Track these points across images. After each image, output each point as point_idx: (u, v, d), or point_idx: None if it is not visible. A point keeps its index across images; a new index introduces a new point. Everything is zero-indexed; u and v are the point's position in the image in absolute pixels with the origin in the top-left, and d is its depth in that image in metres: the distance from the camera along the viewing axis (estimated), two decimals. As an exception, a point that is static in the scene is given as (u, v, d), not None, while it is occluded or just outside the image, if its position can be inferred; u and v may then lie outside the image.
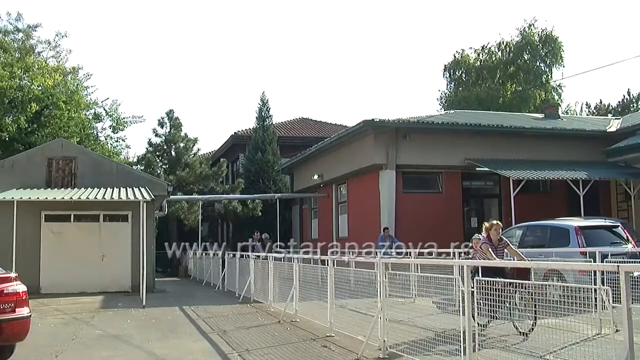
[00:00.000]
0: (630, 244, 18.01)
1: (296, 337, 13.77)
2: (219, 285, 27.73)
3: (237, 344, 13.10)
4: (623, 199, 31.02)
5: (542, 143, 30.94)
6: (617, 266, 6.50)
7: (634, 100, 67.33)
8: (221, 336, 14.17)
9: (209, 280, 31.15)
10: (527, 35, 61.60)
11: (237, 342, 13.32)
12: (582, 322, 8.70)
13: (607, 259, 14.42)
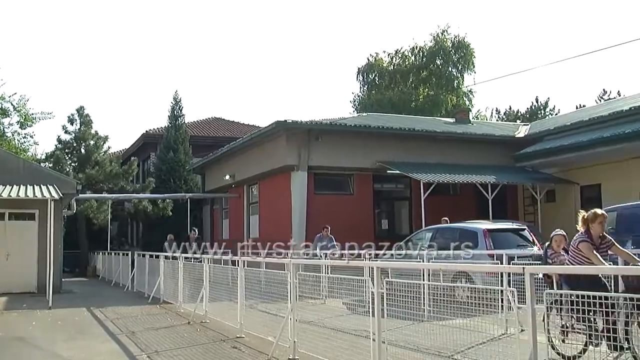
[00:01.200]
0: (536, 246, 18.43)
1: (206, 338, 13.65)
2: (128, 286, 27.29)
3: (145, 345, 12.91)
4: (530, 203, 31.85)
5: (452, 147, 31.50)
6: (523, 268, 6.64)
7: (542, 106, 69.22)
8: (130, 337, 13.94)
9: (118, 280, 30.62)
10: (441, 41, 62.69)
11: (146, 343, 13.12)
12: (489, 322, 8.87)
13: (514, 261, 14.71)
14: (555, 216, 28.94)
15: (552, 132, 32.26)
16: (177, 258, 19.19)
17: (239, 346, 12.45)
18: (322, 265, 14.57)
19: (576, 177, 29.74)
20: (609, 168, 27.69)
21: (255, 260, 16.19)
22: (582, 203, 29.20)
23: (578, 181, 29.77)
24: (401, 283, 9.50)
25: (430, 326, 9.84)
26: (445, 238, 19.65)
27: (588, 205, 28.26)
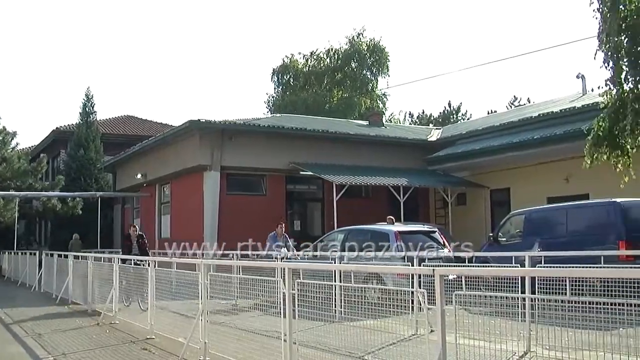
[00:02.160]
0: (446, 248, 18.68)
1: (115, 340, 13.38)
2: (35, 286, 26.54)
3: (52, 347, 12.56)
4: (441, 206, 32.34)
5: (365, 149, 31.74)
6: (433, 270, 6.70)
7: (454, 111, 70.49)
8: (36, 340, 13.55)
9: (25, 280, 29.74)
10: (356, 44, 63.15)
11: (53, 345, 12.77)
12: (399, 323, 8.93)
13: (424, 263, 14.86)
14: (465, 219, 29.50)
15: (463, 136, 32.87)
16: (87, 258, 18.77)
17: (149, 347, 12.25)
18: (233, 266, 14.46)
19: (486, 180, 30.33)
20: (518, 172, 28.34)
21: (166, 260, 15.98)
22: (492, 206, 29.84)
23: (488, 185, 30.37)
24: (313, 284, 9.49)
25: (342, 327, 9.86)
26: (357, 239, 19.73)
27: (497, 208, 28.97)
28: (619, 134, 14.02)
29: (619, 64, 13.43)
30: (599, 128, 14.24)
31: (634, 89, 13.45)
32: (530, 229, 19.25)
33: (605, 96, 14.20)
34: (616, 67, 13.45)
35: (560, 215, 19.05)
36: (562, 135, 25.14)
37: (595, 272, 9.19)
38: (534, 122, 28.90)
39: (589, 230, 17.56)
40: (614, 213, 17.35)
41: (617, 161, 14.28)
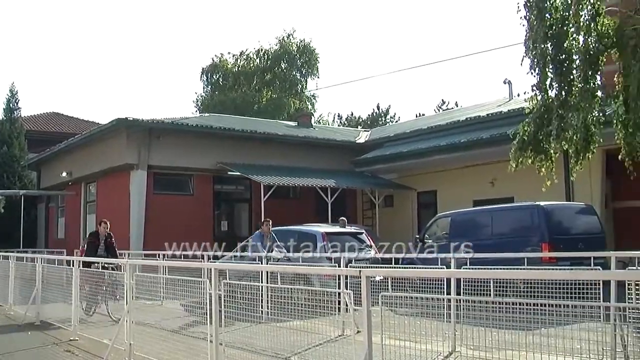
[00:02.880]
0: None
1: (38, 342, 13.04)
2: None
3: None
4: (368, 207, 32.53)
5: (294, 150, 31.76)
6: (359, 271, 6.72)
7: (383, 114, 70.93)
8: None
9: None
10: (286, 45, 63.12)
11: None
12: (326, 324, 8.95)
13: (351, 264, 14.91)
14: (393, 220, 29.74)
15: (391, 138, 33.13)
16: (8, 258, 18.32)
17: (73, 349, 12.00)
18: (159, 266, 14.31)
19: (414, 183, 30.62)
20: (445, 175, 28.68)
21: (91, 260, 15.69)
22: (419, 208, 30.15)
23: (415, 187, 30.68)
24: (240, 285, 9.44)
25: (269, 328, 9.83)
26: (285, 240, 19.70)
27: (424, 210, 29.27)
28: (543, 139, 14.30)
29: (545, 70, 13.71)
30: (524, 133, 14.50)
31: (558, 95, 13.74)
32: (456, 231, 19.48)
33: (531, 102, 14.48)
34: (542, 73, 13.73)
35: (486, 218, 19.34)
36: (488, 139, 25.53)
37: (519, 274, 9.36)
38: (462, 126, 29.31)
39: (513, 233, 17.86)
40: (537, 216, 17.68)
41: (541, 165, 14.56)
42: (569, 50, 13.50)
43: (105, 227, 17.32)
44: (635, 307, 7.72)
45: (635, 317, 7.97)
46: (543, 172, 14.70)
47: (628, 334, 8.59)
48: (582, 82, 13.29)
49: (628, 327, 8.45)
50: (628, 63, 13.05)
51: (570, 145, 14.12)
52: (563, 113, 13.71)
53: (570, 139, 13.98)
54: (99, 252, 16.75)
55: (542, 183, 14.93)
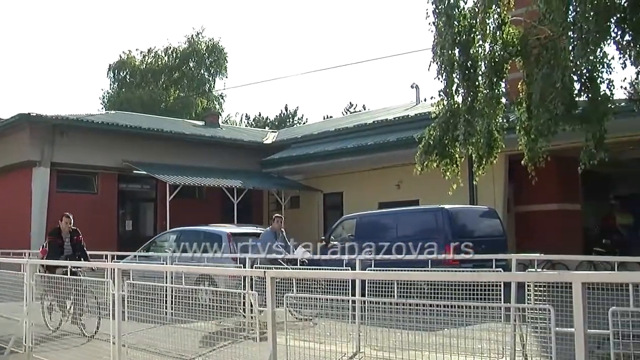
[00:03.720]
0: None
1: None
2: None
3: None
4: (275, 208, 32.44)
5: (201, 150, 31.46)
6: (264, 272, 6.73)
7: (291, 115, 71.00)
8: None
9: None
10: (195, 43, 62.56)
11: None
12: (231, 324, 8.90)
13: (257, 265, 14.87)
14: (299, 222, 29.76)
15: (299, 140, 33.23)
16: None
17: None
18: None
19: (320, 184, 30.78)
20: (352, 177, 28.91)
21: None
22: (325, 210, 30.34)
23: (322, 189, 30.83)
24: (143, 285, 9.31)
25: (173, 329, 9.72)
26: (190, 241, 19.53)
27: (331, 212, 29.47)
28: (448, 143, 14.52)
29: (452, 76, 13.91)
30: (430, 137, 14.70)
31: (464, 100, 13.98)
32: (362, 232, 19.65)
33: (437, 106, 14.69)
34: (448, 79, 13.93)
35: (391, 220, 19.60)
36: (395, 143, 25.87)
37: (422, 275, 9.50)
38: (369, 129, 29.63)
39: (418, 235, 18.11)
40: (441, 218, 18.03)
41: (447, 169, 14.79)
42: (475, 57, 13.73)
43: (69, 221, 14.74)
44: (533, 308, 7.91)
45: (533, 318, 8.17)
46: (448, 176, 14.93)
47: (527, 333, 8.82)
48: (488, 89, 13.53)
49: (527, 327, 8.67)
50: (531, 71, 13.37)
51: (475, 150, 14.39)
52: (468, 118, 13.95)
53: (474, 144, 14.25)
54: (65, 252, 14.39)
55: (447, 186, 15.17)
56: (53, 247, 14.34)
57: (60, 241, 14.46)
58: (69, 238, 14.58)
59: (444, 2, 13.56)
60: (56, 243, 14.43)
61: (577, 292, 4.79)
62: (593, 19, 10.89)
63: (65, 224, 14.66)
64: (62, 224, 14.73)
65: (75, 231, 14.75)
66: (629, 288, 6.80)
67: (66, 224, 14.65)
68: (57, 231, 14.80)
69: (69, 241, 14.56)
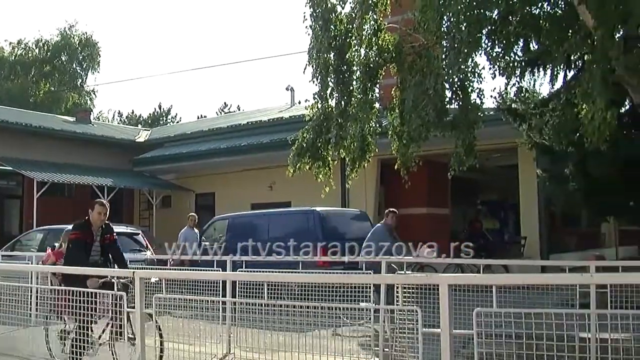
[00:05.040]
0: (150, 251, 18.52)
1: None
2: None
3: None
4: (146, 208, 32.07)
5: (71, 147, 30.58)
6: (133, 272, 6.65)
7: (164, 113, 70.07)
8: None
9: None
10: (67, 37, 60.86)
11: None
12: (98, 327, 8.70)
13: (127, 265, 14.62)
14: (170, 222, 29.40)
15: (172, 139, 32.95)
16: None
17: None
18: None
19: (193, 184, 30.57)
20: (225, 178, 28.82)
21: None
22: (197, 210, 30.09)
23: (194, 189, 30.62)
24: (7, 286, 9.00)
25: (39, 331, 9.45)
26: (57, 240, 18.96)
27: (203, 212, 29.27)
28: (321, 146, 14.67)
29: (326, 80, 14.07)
30: (303, 139, 14.81)
31: (338, 104, 14.15)
32: (234, 233, 19.58)
33: (312, 109, 14.82)
34: (324, 82, 14.07)
35: (263, 221, 19.62)
36: (268, 144, 25.97)
37: (293, 277, 9.55)
38: (243, 130, 29.67)
39: (290, 237, 18.17)
40: (313, 220, 18.16)
41: (319, 172, 14.92)
42: (350, 61, 13.91)
43: (103, 212, 10.11)
44: (401, 309, 8.08)
45: (401, 319, 8.34)
46: (320, 179, 15.06)
47: (395, 334, 9.00)
48: (362, 94, 13.74)
49: (396, 327, 8.84)
50: (405, 77, 13.67)
51: (348, 153, 14.57)
52: (342, 122, 14.13)
53: (347, 148, 14.44)
54: (92, 255, 9.98)
55: (319, 189, 15.30)
56: (78, 247, 9.92)
57: (90, 239, 10.02)
58: (100, 236, 10.17)
59: (322, 6, 13.71)
60: (83, 242, 9.95)
61: (444, 294, 4.92)
62: (466, 29, 11.22)
63: (98, 215, 10.08)
64: (94, 214, 10.09)
65: (107, 227, 10.34)
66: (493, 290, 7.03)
67: (99, 216, 10.09)
68: (84, 225, 10.12)
69: (99, 240, 10.17)
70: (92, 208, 10.13)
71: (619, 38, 9.90)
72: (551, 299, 9.92)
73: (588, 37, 10.39)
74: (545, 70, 13.71)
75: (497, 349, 5.63)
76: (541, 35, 11.79)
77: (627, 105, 13.65)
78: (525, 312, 5.23)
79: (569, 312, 5.95)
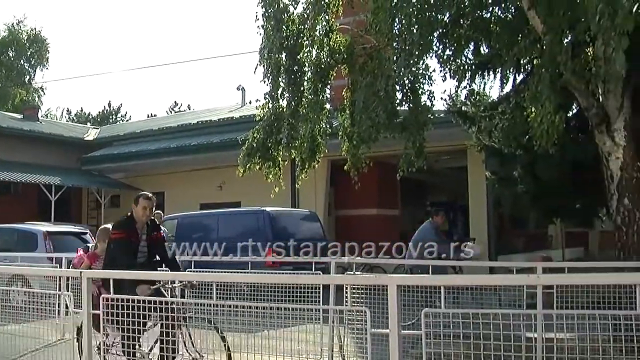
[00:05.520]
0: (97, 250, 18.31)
1: None
2: None
3: None
4: (94, 207, 31.75)
5: (18, 144, 30.16)
6: (80, 273, 6.58)
7: (114, 111, 69.43)
8: None
9: None
10: (15, 32, 59.90)
11: None
12: (46, 327, 8.59)
13: (66, 266, 14.45)
14: (119, 221, 29.14)
15: (121, 138, 32.75)
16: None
17: None
18: None
19: (142, 184, 30.24)
20: (174, 177, 28.68)
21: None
22: (146, 209, 29.82)
23: (143, 188, 30.17)
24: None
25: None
26: (3, 240, 18.72)
27: (152, 212, 29.05)
28: (272, 147, 14.63)
29: (278, 80, 14.05)
30: (253, 139, 14.76)
31: (289, 105, 14.14)
32: (183, 233, 19.48)
33: (262, 109, 14.78)
34: (275, 82, 14.05)
35: (213, 221, 19.57)
36: (218, 144, 25.91)
37: (241, 277, 9.51)
38: (193, 129, 29.56)
39: (239, 237, 18.13)
40: (263, 221, 18.16)
41: (269, 172, 14.88)
42: (302, 62, 13.91)
43: (150, 207, 8.66)
44: (350, 310, 8.10)
45: (350, 319, 8.36)
46: (270, 179, 15.03)
47: (345, 334, 9.02)
48: (313, 94, 13.76)
49: (345, 328, 8.86)
50: (356, 79, 13.72)
51: (298, 154, 14.58)
52: (293, 122, 14.13)
53: (298, 148, 14.44)
54: (139, 257, 8.63)
55: (269, 189, 15.27)
56: (123, 248, 8.50)
57: (135, 238, 8.59)
58: (146, 235, 8.75)
59: (274, 6, 13.68)
60: (128, 242, 8.53)
61: (392, 295, 4.94)
62: (417, 32, 11.29)
63: (144, 210, 8.61)
64: (138, 210, 8.61)
65: (153, 224, 8.93)
66: (441, 290, 7.09)
67: (144, 211, 8.62)
68: (129, 222, 8.67)
69: (146, 240, 8.75)
70: (135, 202, 8.66)
71: (567, 43, 10.03)
72: (499, 299, 10.03)
73: (537, 42, 10.52)
74: (495, 74, 13.88)
75: (446, 349, 5.67)
76: (491, 39, 11.93)
77: (575, 109, 13.84)
78: (473, 313, 5.27)
79: (516, 312, 6.03)
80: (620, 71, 8.05)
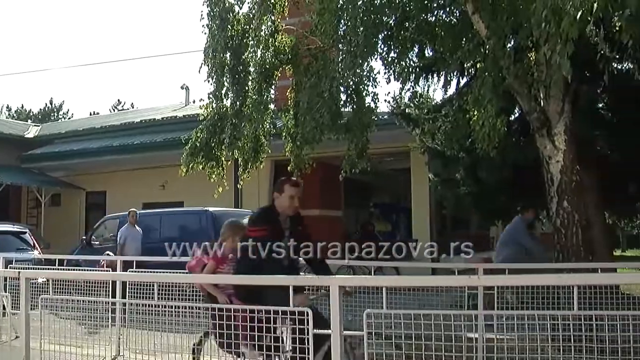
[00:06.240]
0: (37, 250, 18.08)
1: None
2: None
3: None
4: (34, 206, 31.30)
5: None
6: (19, 272, 6.48)
7: (56, 109, 68.46)
8: None
9: None
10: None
11: None
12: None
13: (11, 265, 14.20)
14: (60, 220, 28.82)
15: (63, 135, 32.37)
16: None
17: None
18: None
19: (83, 182, 30.00)
20: (116, 176, 28.41)
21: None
22: (88, 209, 29.60)
23: (84, 187, 30.04)
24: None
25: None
26: None
27: (93, 211, 28.80)
28: (215, 146, 14.57)
29: (222, 79, 14.01)
30: (197, 139, 14.69)
31: (233, 104, 14.10)
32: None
33: (206, 109, 14.72)
34: (219, 82, 14.00)
35: (155, 221, 19.37)
36: (161, 143, 25.74)
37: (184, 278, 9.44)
38: (136, 128, 29.31)
39: (182, 237, 17.97)
40: (206, 221, 18.06)
41: (212, 172, 14.82)
42: (246, 62, 13.91)
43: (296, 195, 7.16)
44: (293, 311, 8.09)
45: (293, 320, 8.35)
46: (214, 179, 14.97)
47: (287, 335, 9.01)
48: (257, 94, 13.74)
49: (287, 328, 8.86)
50: (300, 79, 13.75)
51: (241, 154, 14.55)
52: (236, 122, 14.09)
53: (241, 148, 14.42)
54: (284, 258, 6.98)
55: (212, 189, 15.20)
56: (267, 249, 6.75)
57: (280, 236, 7.01)
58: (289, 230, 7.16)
59: (219, 6, 13.63)
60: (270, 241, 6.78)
61: (335, 296, 4.96)
62: (362, 34, 11.34)
63: (290, 200, 7.09)
64: (283, 199, 7.11)
65: (298, 216, 7.32)
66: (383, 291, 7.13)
67: (291, 201, 7.10)
68: (271, 216, 7.15)
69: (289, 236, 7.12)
70: (279, 190, 7.13)
71: (510, 48, 10.18)
72: (442, 300, 10.12)
73: (481, 46, 10.65)
74: (439, 77, 14.05)
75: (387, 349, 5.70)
76: (436, 42, 12.03)
77: (517, 113, 14.07)
78: (415, 313, 5.31)
79: (457, 313, 6.07)
80: (567, 77, 8.17)
